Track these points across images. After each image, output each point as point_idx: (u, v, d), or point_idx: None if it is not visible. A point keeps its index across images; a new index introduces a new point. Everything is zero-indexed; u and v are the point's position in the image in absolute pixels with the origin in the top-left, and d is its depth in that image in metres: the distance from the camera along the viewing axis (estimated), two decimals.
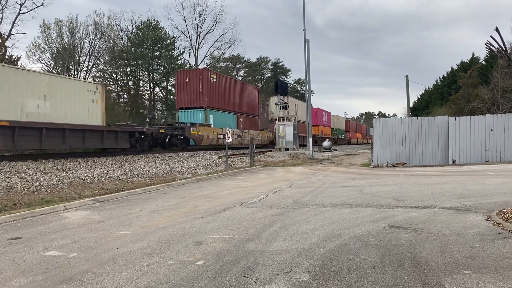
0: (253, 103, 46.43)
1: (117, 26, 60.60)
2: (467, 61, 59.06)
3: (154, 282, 4.56)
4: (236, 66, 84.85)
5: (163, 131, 29.31)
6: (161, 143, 31.11)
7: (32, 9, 48.69)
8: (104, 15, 58.88)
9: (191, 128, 31.09)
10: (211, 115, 35.62)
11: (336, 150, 44.84)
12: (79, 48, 55.92)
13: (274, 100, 54.04)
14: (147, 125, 32.18)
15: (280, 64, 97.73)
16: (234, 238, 6.41)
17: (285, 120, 37.63)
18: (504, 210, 7.50)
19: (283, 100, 37.47)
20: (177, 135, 30.91)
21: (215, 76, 37.32)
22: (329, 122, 69.31)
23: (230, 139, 21.90)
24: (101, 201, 10.75)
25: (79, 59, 56.67)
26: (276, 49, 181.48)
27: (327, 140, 48.73)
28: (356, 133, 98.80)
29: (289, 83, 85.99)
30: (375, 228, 6.86)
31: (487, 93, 43.71)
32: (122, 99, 63.04)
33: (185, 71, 39.04)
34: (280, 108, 38.04)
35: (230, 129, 22.63)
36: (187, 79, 35.93)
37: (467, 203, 8.93)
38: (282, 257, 5.32)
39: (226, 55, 75.34)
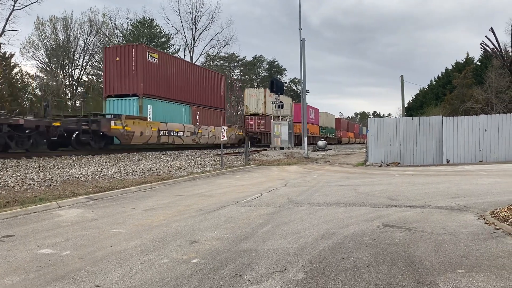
0: (216, 93, 38.46)
1: (112, 23, 60.48)
2: (462, 62, 59.42)
3: (148, 280, 4.54)
4: (232, 64, 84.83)
5: (58, 124, 20.49)
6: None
7: (26, 6, 48.38)
8: (99, 13, 58.87)
9: (112, 121, 23.11)
10: (149, 106, 28.18)
11: (330, 149, 44.93)
12: (73, 45, 55.73)
13: (249, 93, 49.51)
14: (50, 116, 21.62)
15: (276, 63, 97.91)
16: (228, 237, 6.40)
17: (280, 119, 37.60)
18: (498, 210, 7.54)
19: (278, 99, 37.45)
20: (89, 131, 22.71)
21: (156, 56, 29.53)
22: (316, 119, 65.74)
23: (226, 138, 21.86)
24: (95, 199, 10.69)
25: (73, 56, 56.46)
26: (272, 48, 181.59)
27: (322, 139, 48.76)
28: (347, 132, 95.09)
29: (285, 82, 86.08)
30: (370, 227, 6.87)
31: (481, 94, 43.99)
32: None
33: (115, 47, 30.05)
34: (275, 107, 37.99)
35: (225, 128, 22.50)
36: (117, 58, 27.98)
37: (461, 202, 8.97)
38: (276, 256, 5.32)
39: (222, 54, 75.36)
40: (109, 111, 27.78)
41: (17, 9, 47.90)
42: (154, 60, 28.97)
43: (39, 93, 49.58)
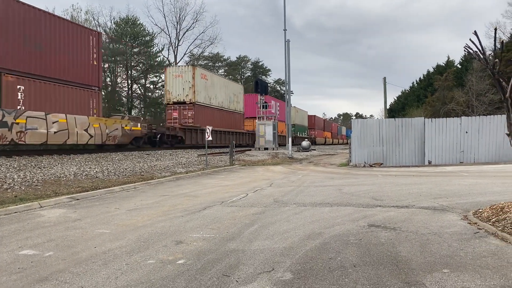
0: (78, 59, 23.26)
1: (95, 21, 59.50)
2: (443, 64, 60.45)
3: (134, 282, 4.47)
4: (216, 64, 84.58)
5: None
6: None
7: None
8: (81, 10, 57.86)
9: None
10: None
11: (314, 150, 45.19)
12: None
13: (172, 73, 34.57)
14: None
15: (260, 63, 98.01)
16: (214, 237, 6.36)
17: (265, 119, 37.62)
18: (480, 210, 7.67)
19: (263, 100, 37.47)
20: None
21: None
22: (282, 115, 48.91)
23: (210, 138, 21.76)
24: (77, 199, 10.52)
25: None
26: (256, 49, 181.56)
27: (306, 140, 48.96)
28: (323, 131, 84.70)
29: (269, 83, 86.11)
30: (355, 227, 6.91)
31: (462, 96, 44.79)
32: None
33: None
34: (260, 107, 38.01)
35: (210, 128, 22.36)
36: None
37: (444, 203, 9.09)
38: (263, 256, 5.30)
39: (206, 53, 75.07)
40: None
41: None
42: None
43: None
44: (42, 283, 4.49)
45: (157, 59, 62.57)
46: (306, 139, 50.84)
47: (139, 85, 65.40)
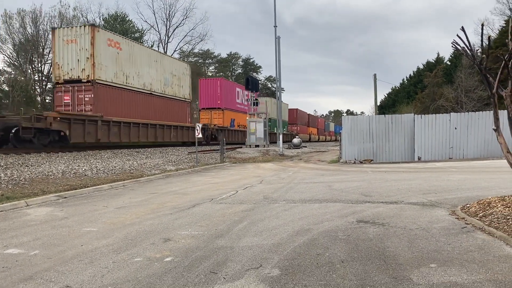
0: None
1: (84, 18, 59.02)
2: (433, 61, 60.81)
3: (120, 280, 4.43)
4: (207, 61, 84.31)
5: None
6: None
7: None
8: (69, 6, 57.31)
9: None
10: None
11: (305, 147, 45.28)
12: (43, 40, 54.14)
13: (62, 36, 23.91)
14: None
15: (251, 60, 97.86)
16: (203, 234, 6.32)
17: (255, 116, 37.56)
18: (468, 205, 7.72)
19: (253, 97, 37.40)
20: None
21: None
22: (254, 108, 43.12)
23: (200, 135, 21.67)
24: (65, 197, 10.41)
25: (43, 51, 54.87)
26: (247, 46, 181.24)
27: (296, 137, 48.99)
28: (308, 127, 77.16)
29: (260, 80, 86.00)
30: (344, 223, 6.92)
31: (451, 92, 45.15)
32: None
33: None
34: (251, 105, 37.94)
35: (200, 125, 22.29)
36: None
37: (432, 198, 9.14)
38: (252, 253, 5.28)
39: (196, 50, 74.80)
40: None
41: None
42: None
43: (7, 89, 47.99)
44: (27, 282, 4.43)
45: None
46: (297, 136, 50.83)
47: None
